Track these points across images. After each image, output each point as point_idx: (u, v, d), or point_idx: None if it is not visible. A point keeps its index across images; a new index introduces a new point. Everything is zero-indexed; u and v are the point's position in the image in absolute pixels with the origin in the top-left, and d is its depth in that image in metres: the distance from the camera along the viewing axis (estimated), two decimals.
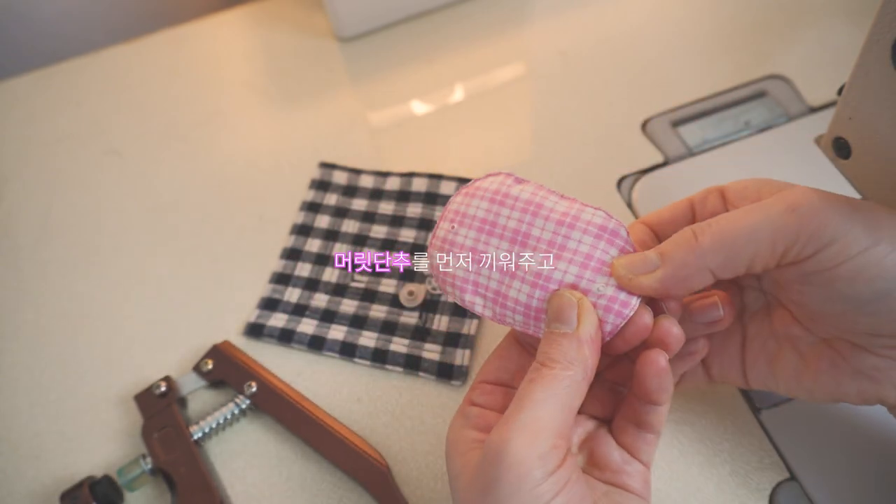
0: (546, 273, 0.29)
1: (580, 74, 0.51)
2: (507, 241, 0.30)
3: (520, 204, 0.30)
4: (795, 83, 0.49)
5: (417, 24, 0.56)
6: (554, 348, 0.26)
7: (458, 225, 0.31)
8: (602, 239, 0.29)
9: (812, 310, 0.28)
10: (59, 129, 0.54)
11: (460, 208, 0.31)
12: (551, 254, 0.29)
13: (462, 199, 0.32)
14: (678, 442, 0.35)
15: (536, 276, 0.29)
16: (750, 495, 0.34)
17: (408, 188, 0.46)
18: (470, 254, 0.31)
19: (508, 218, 0.30)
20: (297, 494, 0.36)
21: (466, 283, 0.31)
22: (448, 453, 0.29)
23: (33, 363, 0.42)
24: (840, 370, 0.28)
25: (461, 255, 0.31)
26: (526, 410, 0.25)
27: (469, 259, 0.31)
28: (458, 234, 0.31)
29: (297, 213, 0.47)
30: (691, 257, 0.26)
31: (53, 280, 0.46)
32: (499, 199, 0.31)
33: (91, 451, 0.39)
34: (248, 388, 0.38)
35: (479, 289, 0.31)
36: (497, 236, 0.30)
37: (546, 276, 0.29)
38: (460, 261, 0.31)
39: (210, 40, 0.58)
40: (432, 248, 0.32)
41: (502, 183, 0.31)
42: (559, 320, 0.27)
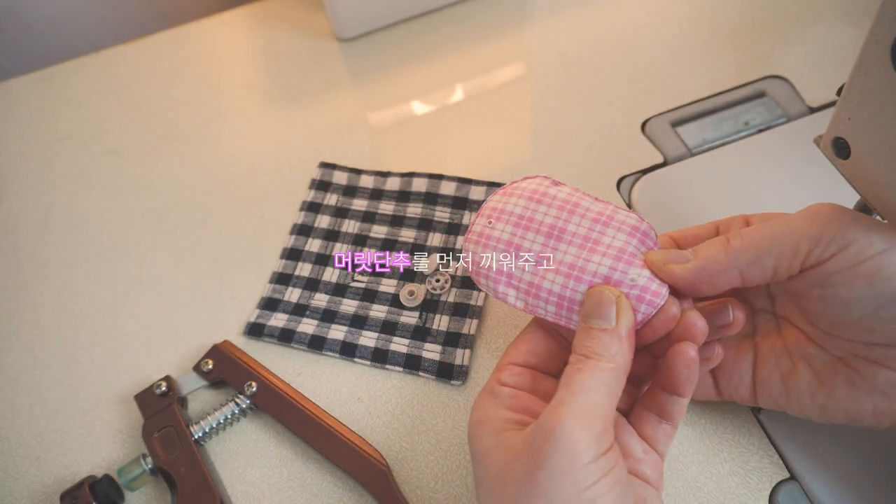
0: (581, 265, 0.30)
1: (580, 74, 0.52)
2: (544, 235, 0.31)
3: (557, 202, 0.32)
4: (795, 83, 0.49)
5: (417, 24, 0.56)
6: (596, 342, 0.28)
7: (496, 220, 0.33)
8: (634, 237, 0.30)
9: (829, 321, 0.29)
10: (59, 129, 0.54)
11: (498, 205, 0.33)
12: (586, 246, 0.30)
13: (500, 197, 0.33)
14: (678, 442, 0.35)
15: (571, 267, 0.30)
16: (750, 495, 0.34)
17: (408, 188, 0.46)
18: (505, 246, 0.32)
19: (545, 214, 0.32)
20: (297, 494, 0.36)
21: (501, 274, 0.32)
22: (475, 432, 0.29)
23: (33, 363, 0.42)
24: (856, 387, 0.29)
25: (497, 248, 0.32)
26: (579, 395, 0.26)
27: (505, 251, 0.32)
28: (495, 228, 0.32)
29: (297, 213, 0.47)
30: (722, 255, 0.28)
31: (53, 280, 0.46)
32: (537, 197, 0.32)
33: (91, 451, 0.39)
34: (248, 388, 0.38)
35: (513, 280, 0.32)
36: (533, 231, 0.32)
37: (581, 268, 0.30)
38: (496, 253, 0.32)
39: (210, 40, 0.58)
40: (468, 242, 0.33)
41: (540, 184, 0.33)
42: (598, 316, 0.28)
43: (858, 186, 0.31)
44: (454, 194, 0.45)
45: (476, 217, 0.33)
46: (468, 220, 0.44)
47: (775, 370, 0.31)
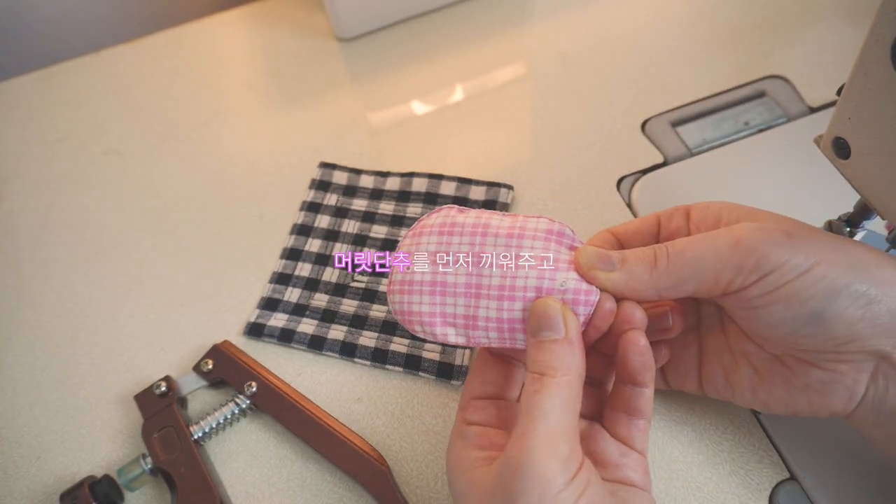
0: (509, 283, 0.30)
1: (580, 74, 0.52)
2: (464, 263, 0.31)
3: (467, 229, 0.31)
4: (795, 83, 0.49)
5: (417, 24, 0.56)
6: (549, 356, 0.27)
7: (412, 263, 0.31)
8: (551, 240, 0.30)
9: (757, 333, 0.30)
10: (59, 129, 0.54)
11: (410, 249, 0.32)
12: (512, 266, 0.30)
13: (410, 240, 0.32)
14: (678, 442, 0.35)
15: (500, 289, 0.30)
16: (750, 495, 0.34)
17: (408, 188, 0.46)
18: (430, 287, 0.31)
19: (460, 244, 0.31)
20: (297, 494, 0.36)
21: (434, 316, 0.31)
22: (451, 474, 0.29)
23: (33, 363, 0.42)
24: (791, 385, 0.30)
25: (423, 290, 0.31)
26: (539, 421, 0.25)
27: (430, 292, 0.31)
28: (415, 272, 0.31)
29: (297, 213, 0.47)
30: (646, 276, 0.29)
31: (53, 280, 0.46)
32: (447, 229, 0.31)
33: (91, 451, 0.39)
34: (248, 388, 0.38)
35: (448, 318, 0.31)
36: (453, 263, 0.31)
37: (510, 286, 0.30)
38: (423, 296, 0.31)
39: (210, 40, 0.58)
40: (391, 294, 0.32)
41: (446, 216, 0.32)
42: (547, 328, 0.28)
43: (858, 186, 0.31)
44: (454, 194, 0.45)
45: (391, 266, 0.32)
46: None
47: (718, 366, 0.32)
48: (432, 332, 0.31)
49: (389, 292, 0.32)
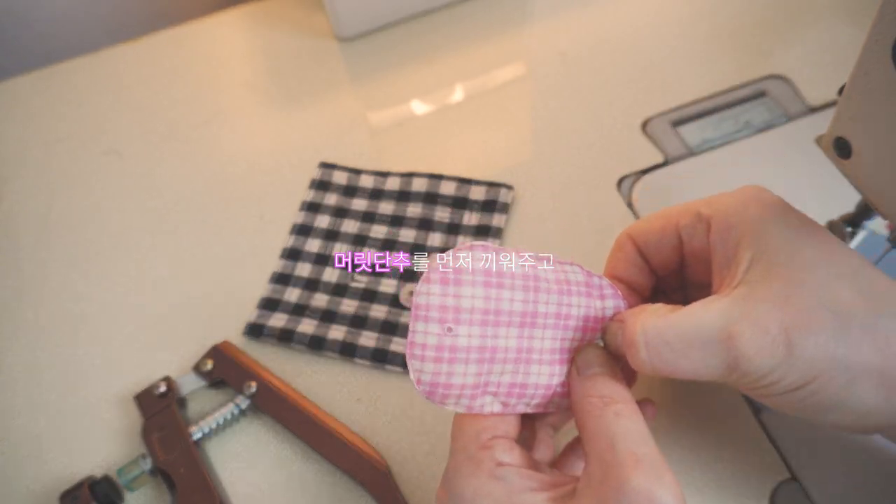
0: (559, 346, 0.27)
1: (580, 74, 0.51)
2: (517, 326, 0.26)
3: (518, 282, 0.26)
4: (795, 83, 0.49)
5: (417, 24, 0.56)
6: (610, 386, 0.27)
7: (455, 324, 0.25)
8: (592, 297, 0.28)
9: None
10: (59, 129, 0.54)
11: (448, 302, 0.25)
12: (560, 324, 0.27)
13: (444, 288, 0.25)
14: (679, 444, 0.35)
15: (552, 352, 0.27)
16: (750, 495, 0.34)
17: (408, 188, 0.46)
18: (478, 353, 0.25)
19: (512, 300, 0.26)
20: (297, 494, 0.36)
21: (478, 387, 0.26)
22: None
23: (33, 363, 0.42)
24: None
25: (469, 359, 0.25)
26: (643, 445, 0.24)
27: (479, 360, 0.25)
28: (459, 335, 0.25)
29: (297, 213, 0.47)
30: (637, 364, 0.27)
31: (53, 280, 0.46)
32: (495, 281, 0.25)
33: (91, 451, 0.39)
34: (247, 389, 0.38)
35: (490, 387, 0.26)
36: (505, 324, 0.26)
37: (561, 349, 0.27)
38: (469, 365, 0.25)
39: (210, 40, 0.58)
40: (422, 362, 0.25)
41: (486, 259, 0.26)
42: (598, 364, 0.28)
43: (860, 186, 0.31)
44: (454, 194, 0.45)
45: (418, 321, 0.25)
46: (468, 220, 0.44)
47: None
48: (469, 406, 0.26)
49: (419, 358, 0.25)
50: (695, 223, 0.29)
